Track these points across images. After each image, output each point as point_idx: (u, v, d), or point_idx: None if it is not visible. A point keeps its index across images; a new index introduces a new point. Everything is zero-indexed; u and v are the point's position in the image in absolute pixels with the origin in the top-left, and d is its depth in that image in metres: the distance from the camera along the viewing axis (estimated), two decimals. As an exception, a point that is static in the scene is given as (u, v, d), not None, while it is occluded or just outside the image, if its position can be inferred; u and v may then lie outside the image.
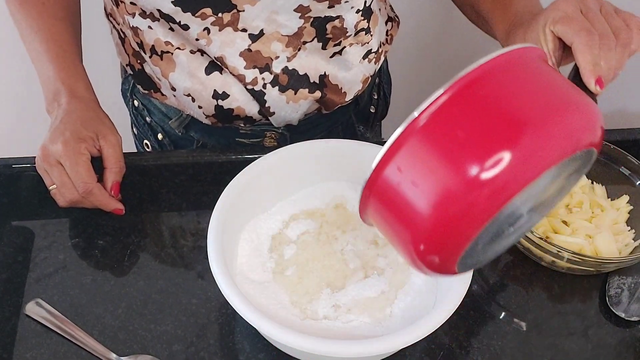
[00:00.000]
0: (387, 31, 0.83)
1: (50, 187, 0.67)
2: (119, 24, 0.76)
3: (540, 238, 0.63)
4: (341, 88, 0.78)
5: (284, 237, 0.65)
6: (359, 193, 0.45)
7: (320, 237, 0.64)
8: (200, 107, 0.76)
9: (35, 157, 0.75)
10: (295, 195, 0.69)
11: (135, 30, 0.72)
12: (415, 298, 0.60)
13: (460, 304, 0.53)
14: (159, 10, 0.66)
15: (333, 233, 0.65)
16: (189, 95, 0.75)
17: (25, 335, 0.60)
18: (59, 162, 0.66)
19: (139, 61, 0.78)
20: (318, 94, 0.77)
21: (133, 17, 0.70)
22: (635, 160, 0.71)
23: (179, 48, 0.71)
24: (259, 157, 0.65)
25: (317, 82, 0.76)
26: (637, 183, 0.71)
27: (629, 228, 0.70)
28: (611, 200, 0.72)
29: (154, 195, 0.73)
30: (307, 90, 0.76)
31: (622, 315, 0.63)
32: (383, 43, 0.82)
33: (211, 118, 0.77)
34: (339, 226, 0.65)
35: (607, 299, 0.65)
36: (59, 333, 0.60)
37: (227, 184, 0.62)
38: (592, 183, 0.74)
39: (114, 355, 0.58)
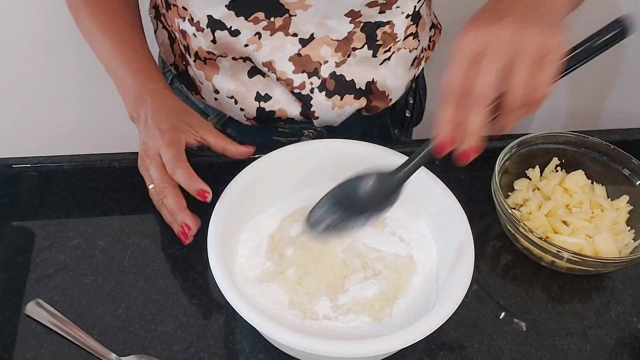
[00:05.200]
0: (430, 37, 0.83)
1: (150, 186, 0.67)
2: (170, 26, 0.77)
3: (540, 238, 0.63)
4: (388, 95, 0.78)
5: (283, 237, 0.65)
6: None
7: (320, 237, 0.64)
8: (242, 109, 0.77)
9: (35, 156, 0.75)
10: (295, 196, 0.69)
11: (183, 33, 0.73)
12: (415, 298, 0.60)
13: (460, 304, 0.53)
14: (209, 17, 0.67)
15: (333, 233, 0.65)
16: (232, 97, 0.76)
17: (26, 335, 0.60)
18: (158, 154, 0.66)
19: (184, 62, 0.79)
20: (364, 101, 0.77)
21: (183, 21, 0.72)
22: (635, 160, 0.71)
23: (221, 56, 0.72)
24: (259, 157, 0.66)
25: (364, 88, 0.76)
26: (637, 183, 0.71)
27: (629, 228, 0.70)
28: (611, 200, 0.72)
29: (154, 196, 0.73)
30: (352, 96, 0.76)
31: None
32: (425, 49, 0.82)
33: (252, 120, 0.78)
34: (339, 226, 0.66)
35: None
36: (59, 333, 0.60)
37: (227, 184, 0.62)
38: (592, 183, 0.74)
39: (114, 356, 0.58)
